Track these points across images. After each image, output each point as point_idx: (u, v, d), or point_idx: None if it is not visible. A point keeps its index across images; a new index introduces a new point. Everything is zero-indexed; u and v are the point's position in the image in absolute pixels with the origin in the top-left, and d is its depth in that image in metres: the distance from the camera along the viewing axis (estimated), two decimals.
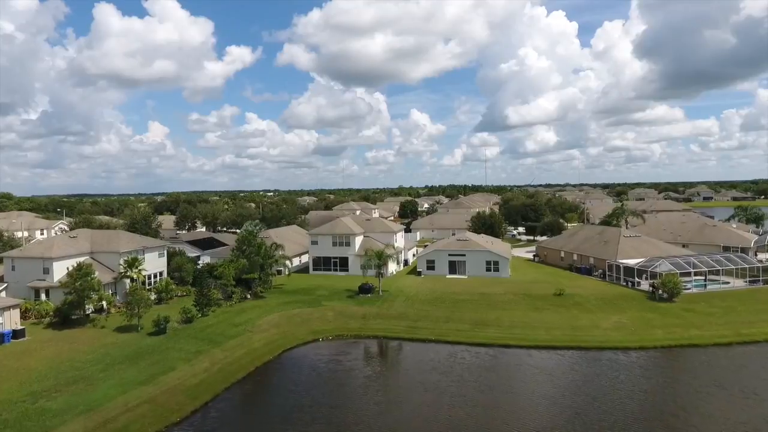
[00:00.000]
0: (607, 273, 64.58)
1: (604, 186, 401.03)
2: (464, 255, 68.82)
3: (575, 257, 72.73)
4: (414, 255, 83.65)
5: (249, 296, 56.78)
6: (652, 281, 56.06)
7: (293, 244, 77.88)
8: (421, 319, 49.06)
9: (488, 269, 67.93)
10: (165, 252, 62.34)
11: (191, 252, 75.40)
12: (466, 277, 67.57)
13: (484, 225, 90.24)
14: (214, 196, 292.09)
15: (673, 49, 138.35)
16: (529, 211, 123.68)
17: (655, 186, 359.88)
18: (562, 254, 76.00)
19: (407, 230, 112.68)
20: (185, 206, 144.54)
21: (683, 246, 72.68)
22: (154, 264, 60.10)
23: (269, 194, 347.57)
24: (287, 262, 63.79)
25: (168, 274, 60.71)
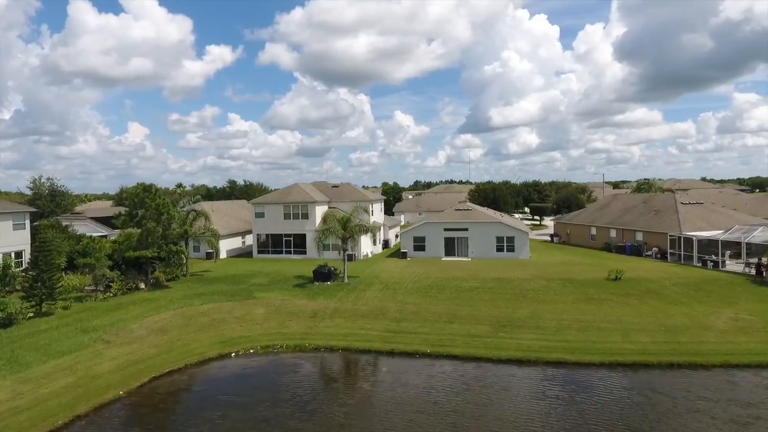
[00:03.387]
0: (669, 250, 46.11)
1: None
2: (466, 229, 49.75)
3: (613, 234, 54.22)
4: (397, 236, 64.47)
5: (144, 285, 36.92)
6: (754, 259, 37.85)
7: (237, 221, 58.03)
8: (407, 318, 29.84)
9: (500, 248, 48.93)
10: (27, 223, 42.05)
11: (95, 231, 55.07)
12: (469, 259, 48.53)
13: (486, 200, 71.43)
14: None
15: (653, 52, 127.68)
16: (532, 191, 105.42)
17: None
18: (593, 231, 57.46)
19: (389, 213, 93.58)
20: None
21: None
22: (7, 239, 39.89)
23: None
24: (213, 240, 43.86)
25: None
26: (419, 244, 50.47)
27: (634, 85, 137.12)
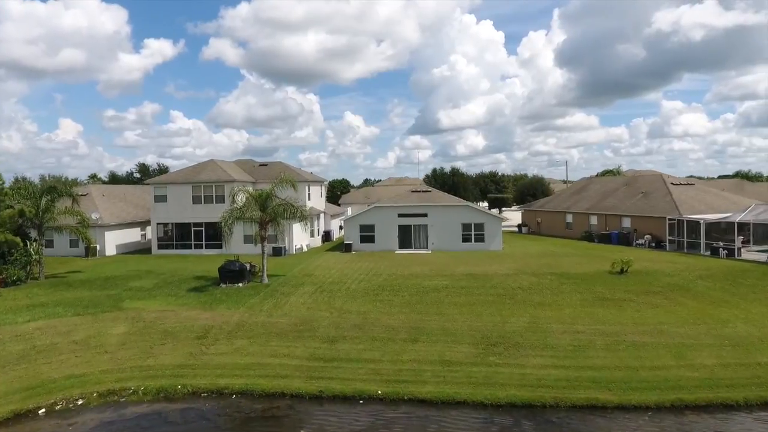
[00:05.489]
0: (668, 237, 38.38)
1: None
2: (425, 215, 40.11)
3: (594, 221, 46.34)
4: (341, 228, 54.14)
5: None
6: None
7: (136, 209, 45.70)
8: (347, 336, 19.58)
9: (467, 238, 39.65)
10: None
11: None
12: (429, 251, 38.94)
13: (444, 187, 62.36)
14: None
15: (590, 59, 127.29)
16: (489, 182, 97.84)
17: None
18: (569, 218, 49.48)
19: (335, 204, 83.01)
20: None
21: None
22: None
23: None
24: (82, 229, 31.80)
25: None
26: (367, 234, 40.37)
27: (573, 91, 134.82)
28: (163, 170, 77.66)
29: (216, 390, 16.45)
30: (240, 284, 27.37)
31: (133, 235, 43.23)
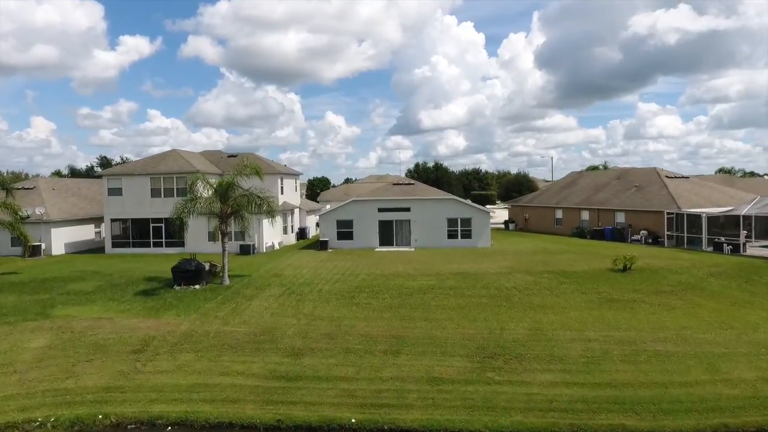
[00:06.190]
0: (666, 232, 36.00)
1: None
2: (408, 209, 37.02)
3: (585, 216, 43.88)
4: (318, 225, 50.76)
5: None
6: None
7: (91, 204, 41.57)
8: (315, 348, 16.32)
9: (453, 234, 36.70)
10: None
11: None
12: (411, 249, 35.88)
13: (427, 181, 59.42)
14: None
15: (568, 62, 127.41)
16: (473, 179, 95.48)
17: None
18: (559, 214, 47.00)
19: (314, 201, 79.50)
20: None
21: None
22: None
23: None
24: (16, 225, 27.84)
25: None
26: (345, 230, 37.12)
27: (552, 93, 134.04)
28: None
29: (147, 420, 13.06)
30: (197, 286, 23.88)
31: (86, 233, 39.17)
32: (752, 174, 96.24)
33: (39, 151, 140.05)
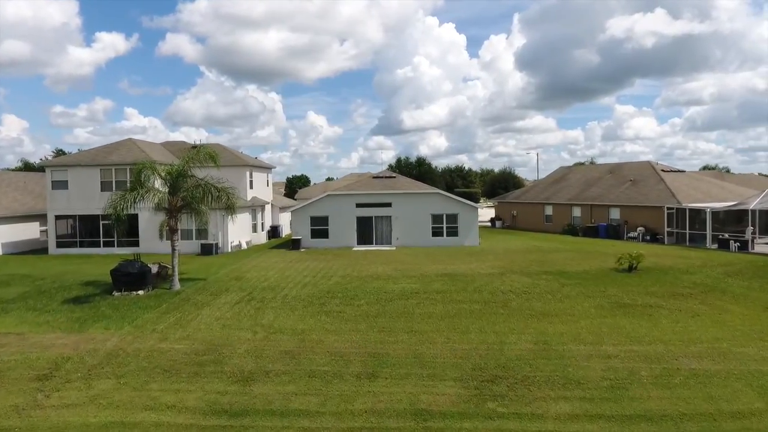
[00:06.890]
0: (666, 229, 33.56)
1: None
2: (389, 204, 33.87)
3: (577, 212, 41.35)
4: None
5: None
6: None
7: (35, 200, 37.43)
8: (270, 372, 13.03)
9: (438, 231, 33.70)
10: None
11: None
12: (393, 247, 32.75)
13: (410, 176, 56.40)
14: None
15: (548, 63, 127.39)
16: (456, 177, 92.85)
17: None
18: (549, 211, 44.40)
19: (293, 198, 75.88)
20: None
21: None
22: None
23: None
24: None
25: None
26: (320, 228, 33.81)
27: (532, 94, 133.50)
28: None
29: None
30: (140, 292, 20.34)
31: (29, 231, 35.11)
32: (728, 173, 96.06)
33: (10, 150, 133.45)
